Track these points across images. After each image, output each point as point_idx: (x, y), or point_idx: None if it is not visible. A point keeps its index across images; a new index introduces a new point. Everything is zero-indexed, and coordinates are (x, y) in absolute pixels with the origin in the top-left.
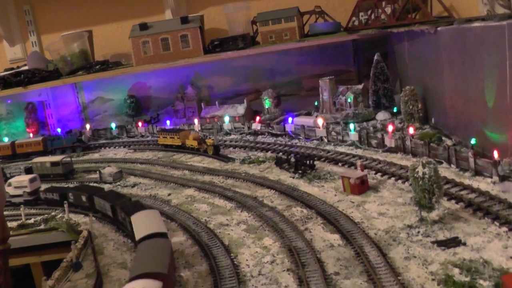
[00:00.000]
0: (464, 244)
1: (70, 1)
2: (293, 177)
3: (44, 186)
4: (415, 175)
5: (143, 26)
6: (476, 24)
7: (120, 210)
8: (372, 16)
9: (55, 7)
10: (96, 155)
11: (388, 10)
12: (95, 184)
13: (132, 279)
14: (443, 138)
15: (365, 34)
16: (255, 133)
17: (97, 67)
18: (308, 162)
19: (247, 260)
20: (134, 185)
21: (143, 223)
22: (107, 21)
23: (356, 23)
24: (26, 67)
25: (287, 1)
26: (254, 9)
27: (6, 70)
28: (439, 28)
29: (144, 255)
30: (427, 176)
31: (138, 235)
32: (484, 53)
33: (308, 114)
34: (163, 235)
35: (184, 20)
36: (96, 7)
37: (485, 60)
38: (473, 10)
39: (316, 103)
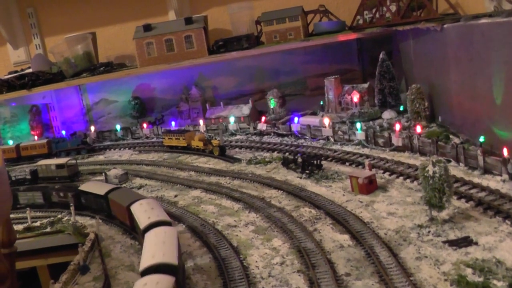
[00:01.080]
0: (476, 243)
1: (74, 3)
2: (300, 177)
3: None
4: (425, 174)
5: (147, 27)
6: (483, 20)
7: (57, 192)
8: (377, 15)
9: (58, 10)
10: (101, 157)
11: (393, 8)
12: None
13: (131, 203)
14: (450, 136)
15: (369, 33)
16: (261, 134)
17: (101, 69)
18: (315, 162)
19: (256, 261)
20: (140, 187)
21: (97, 187)
22: (111, 23)
23: (361, 21)
24: (30, 70)
25: (291, 1)
26: (258, 9)
27: (10, 73)
28: (445, 26)
29: (121, 194)
30: (437, 175)
31: (103, 191)
32: (492, 49)
33: (314, 113)
34: (121, 188)
35: (188, 20)
36: (100, 9)
37: (493, 57)
38: (479, 7)
39: (321, 103)
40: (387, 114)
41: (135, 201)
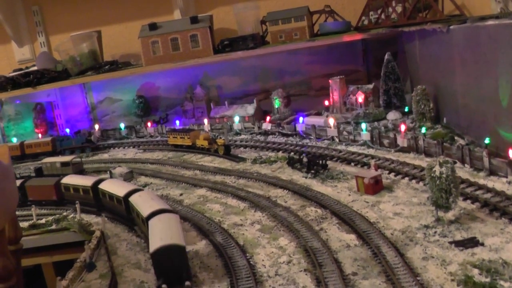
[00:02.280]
0: (482, 244)
1: (79, 1)
2: (306, 177)
3: None
4: (432, 174)
5: (153, 26)
6: (490, 22)
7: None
8: (382, 15)
9: (63, 8)
10: (105, 156)
11: (399, 9)
12: None
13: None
14: (456, 137)
15: (375, 33)
16: (266, 133)
17: (106, 67)
18: (320, 162)
19: (263, 260)
20: (145, 185)
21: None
22: (116, 21)
23: (366, 22)
24: (34, 68)
25: (297, 1)
26: (263, 9)
27: (14, 70)
28: (451, 27)
29: (38, 180)
30: (444, 175)
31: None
32: (498, 51)
33: (318, 114)
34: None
35: (194, 20)
36: (105, 7)
37: (499, 58)
38: (486, 8)
39: (326, 103)
40: (392, 115)
41: (62, 177)
